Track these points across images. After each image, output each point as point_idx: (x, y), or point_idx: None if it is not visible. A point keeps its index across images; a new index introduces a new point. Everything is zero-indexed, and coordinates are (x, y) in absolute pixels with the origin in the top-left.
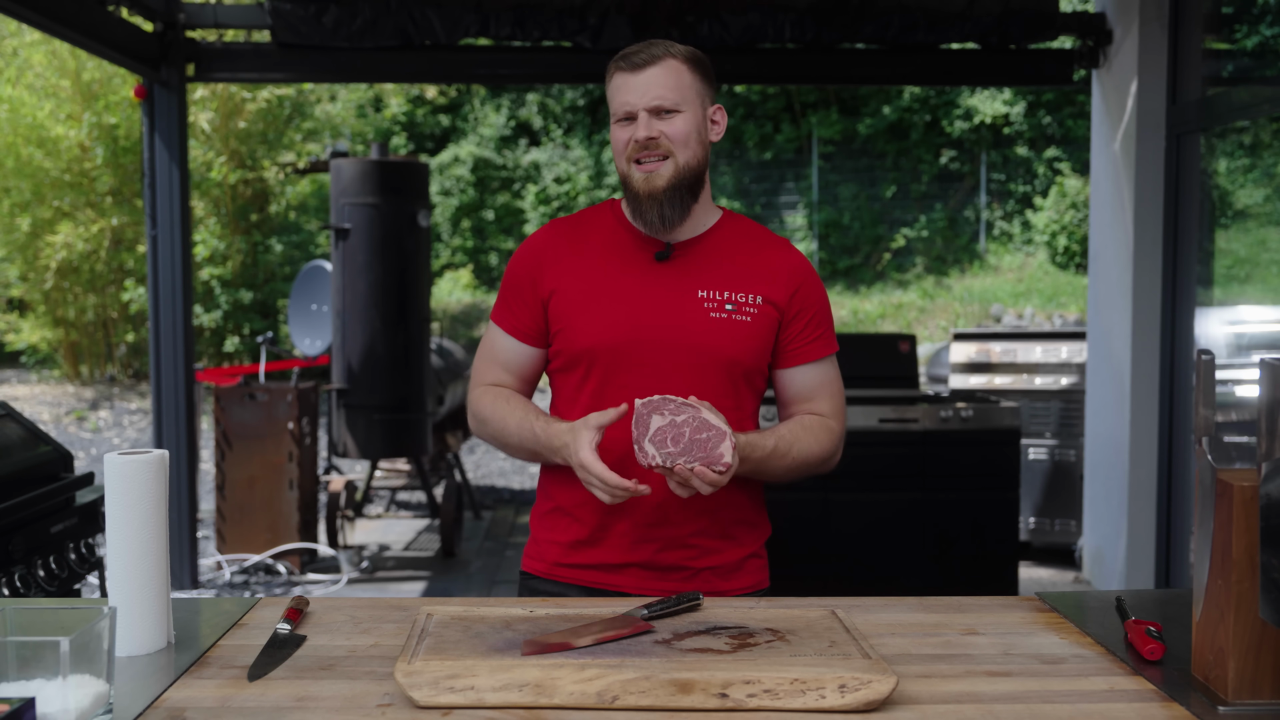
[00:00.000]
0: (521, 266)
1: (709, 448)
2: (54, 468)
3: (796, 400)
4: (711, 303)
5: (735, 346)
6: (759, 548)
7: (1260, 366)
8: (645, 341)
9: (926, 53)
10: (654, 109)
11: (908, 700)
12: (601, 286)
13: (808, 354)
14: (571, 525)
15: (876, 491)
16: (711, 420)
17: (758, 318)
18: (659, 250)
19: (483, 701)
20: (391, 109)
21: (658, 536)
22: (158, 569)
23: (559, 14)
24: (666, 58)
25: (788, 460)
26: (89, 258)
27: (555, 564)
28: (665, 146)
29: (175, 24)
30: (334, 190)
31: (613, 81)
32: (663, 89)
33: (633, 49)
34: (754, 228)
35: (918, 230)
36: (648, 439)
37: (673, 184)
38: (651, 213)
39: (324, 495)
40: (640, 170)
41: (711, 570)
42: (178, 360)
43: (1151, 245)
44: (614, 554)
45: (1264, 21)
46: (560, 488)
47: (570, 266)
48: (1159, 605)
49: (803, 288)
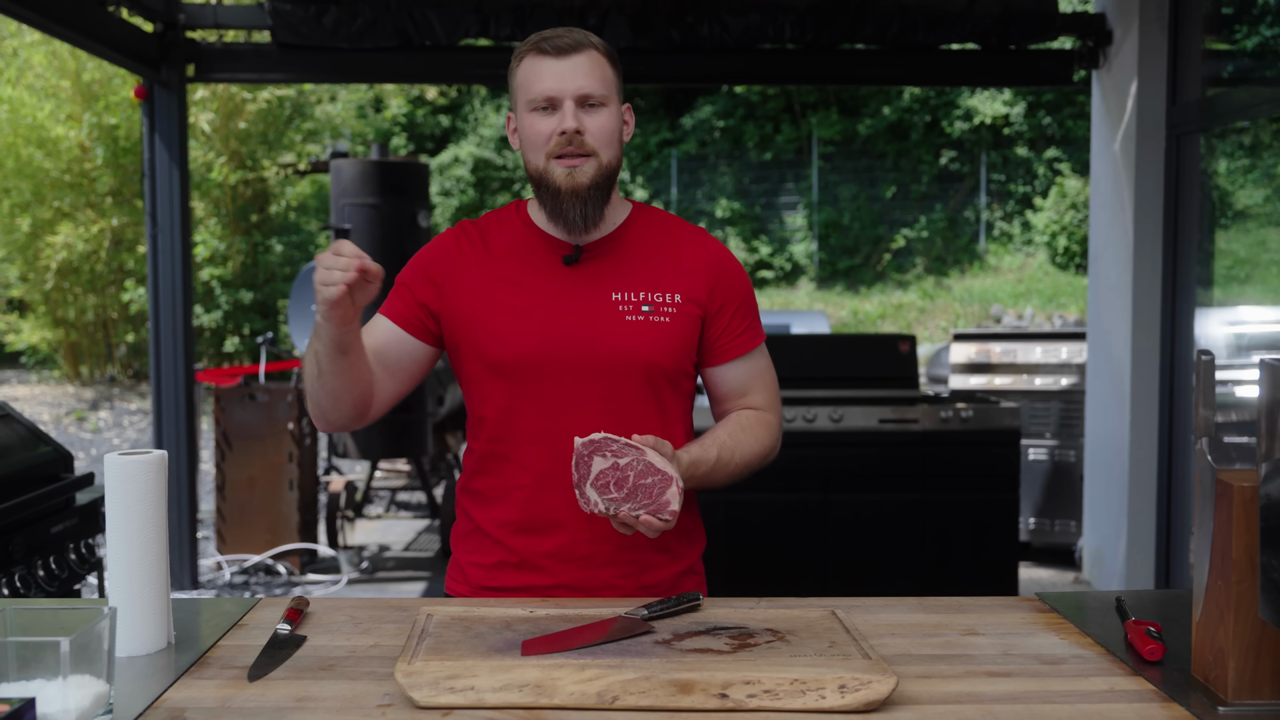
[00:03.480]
0: (422, 267)
1: (655, 494)
2: (54, 468)
3: (730, 397)
4: (626, 305)
5: (654, 350)
6: (695, 561)
7: (1260, 366)
8: (559, 350)
9: (926, 53)
10: (580, 98)
11: (908, 700)
12: (510, 294)
13: (736, 348)
14: (492, 547)
15: (876, 492)
16: (656, 464)
17: (677, 317)
18: (567, 254)
19: (483, 702)
20: (391, 109)
21: (583, 554)
22: (158, 569)
23: (559, 14)
24: (589, 47)
25: (731, 467)
26: (89, 258)
27: (479, 587)
28: (589, 145)
29: (175, 24)
30: (334, 191)
31: (527, 65)
32: (588, 79)
33: (549, 33)
34: (666, 219)
35: (918, 231)
36: (589, 483)
37: (595, 182)
38: (574, 211)
39: (324, 496)
40: (562, 165)
41: (645, 589)
42: (178, 360)
43: (1151, 245)
44: (540, 575)
45: (1264, 22)
46: (478, 508)
47: (477, 274)
48: (1159, 605)
49: (722, 280)
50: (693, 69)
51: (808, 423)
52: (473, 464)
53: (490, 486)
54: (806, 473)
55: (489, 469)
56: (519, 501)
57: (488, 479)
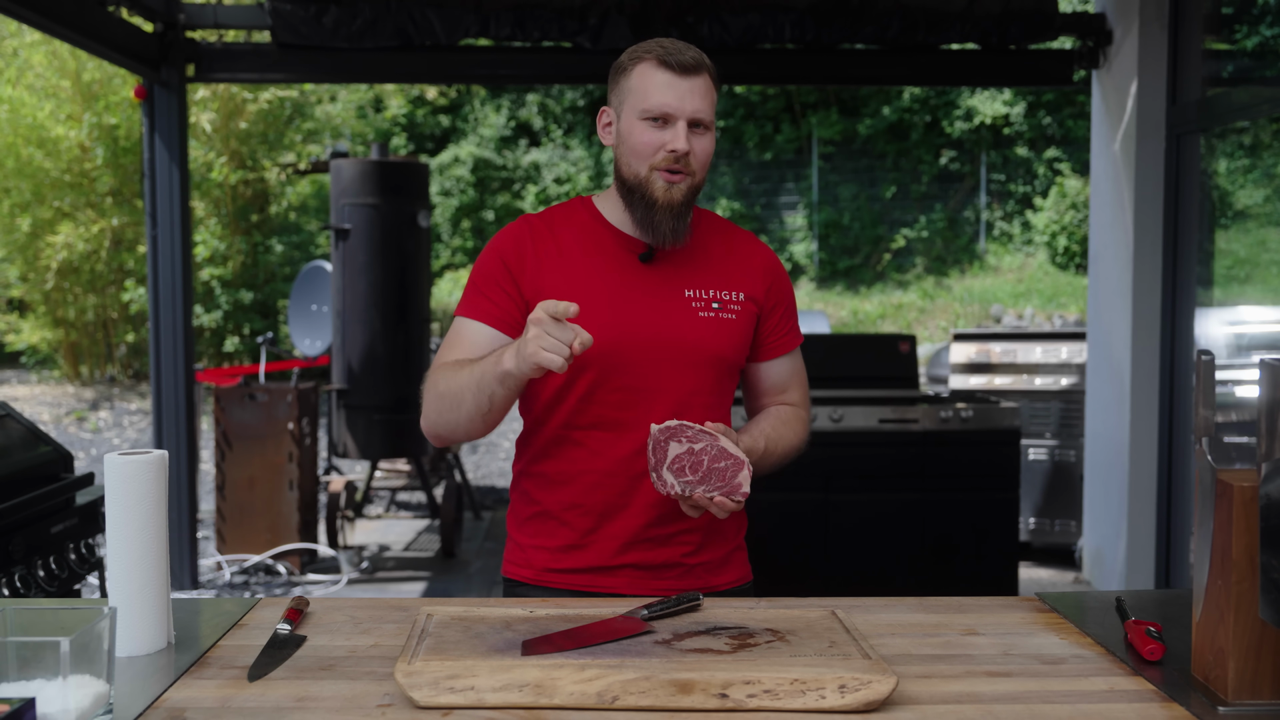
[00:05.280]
0: (499, 259)
1: (728, 477)
2: (54, 468)
3: (771, 392)
4: (699, 302)
5: (724, 344)
6: (741, 540)
7: (1260, 366)
8: (637, 343)
9: (926, 53)
10: (694, 120)
11: (908, 700)
12: (588, 287)
13: (782, 346)
14: (559, 529)
15: (876, 491)
16: (729, 449)
17: (741, 314)
18: (641, 251)
19: (483, 702)
20: (391, 110)
21: (650, 535)
22: (158, 569)
23: (559, 14)
24: (705, 70)
25: (773, 458)
26: (89, 258)
27: (544, 569)
28: (692, 166)
29: (175, 24)
30: (334, 191)
31: (647, 73)
32: (704, 102)
33: (670, 45)
34: (722, 222)
35: (918, 231)
36: (665, 467)
37: (687, 199)
38: (665, 225)
39: (324, 495)
40: (664, 179)
41: (703, 566)
42: (178, 360)
43: (1151, 245)
44: (606, 556)
45: (1264, 22)
46: (544, 491)
47: (552, 265)
48: (1159, 605)
49: (776, 282)
50: None
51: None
52: (538, 447)
53: (560, 471)
54: (806, 473)
55: (559, 453)
56: (589, 485)
57: (557, 463)
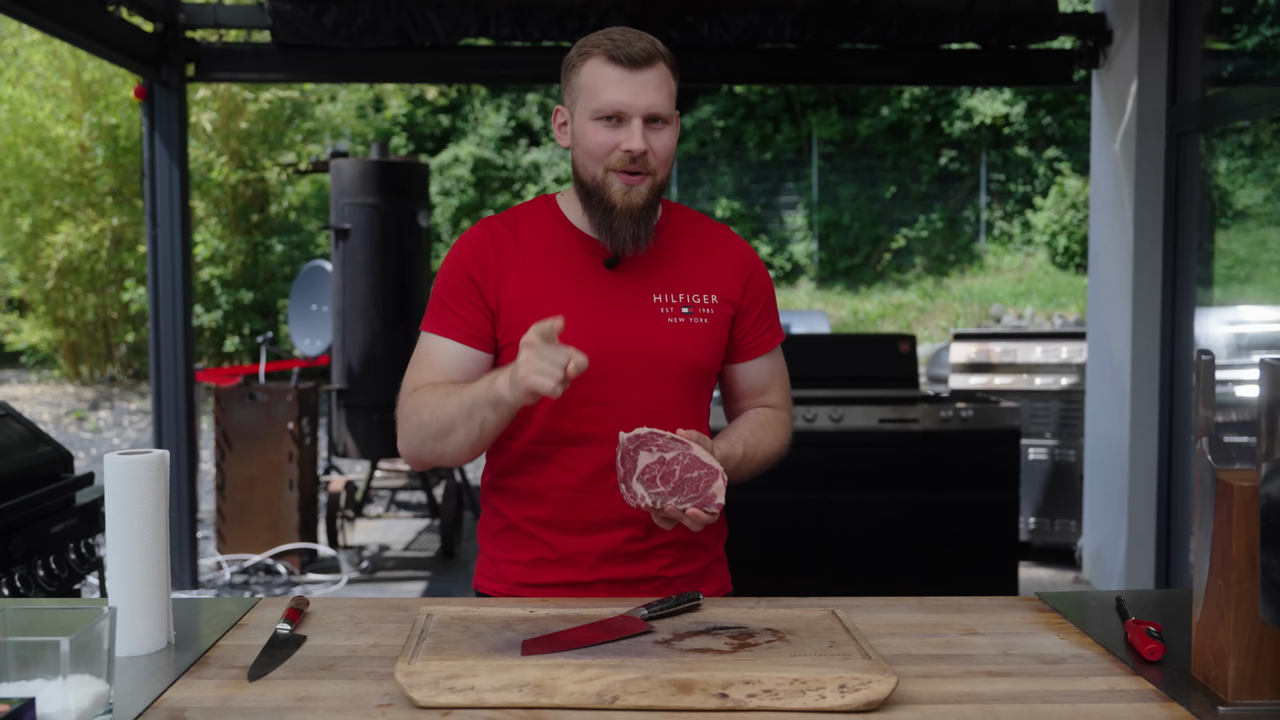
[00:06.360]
0: (461, 269)
1: (701, 487)
2: (54, 468)
3: (749, 394)
4: (668, 307)
5: (695, 351)
6: (720, 551)
7: (1260, 366)
8: (604, 354)
9: (926, 53)
10: (650, 116)
11: (908, 700)
12: (553, 296)
13: (760, 347)
14: (529, 543)
15: (876, 491)
16: (702, 458)
17: (714, 318)
18: (607, 256)
19: (483, 702)
20: (391, 109)
21: (626, 550)
22: (158, 569)
23: (559, 14)
24: (659, 59)
25: (753, 464)
26: (89, 258)
27: (516, 584)
28: (651, 164)
29: (175, 24)
30: (334, 190)
31: (595, 69)
32: (659, 95)
33: (619, 36)
34: (694, 217)
35: (917, 230)
36: (635, 477)
37: (649, 201)
38: (625, 230)
39: (324, 495)
40: (621, 181)
41: (682, 579)
42: (178, 360)
43: (1151, 245)
44: (581, 571)
45: (1264, 21)
46: (513, 506)
47: (516, 273)
48: (1159, 605)
49: (752, 279)
50: (692, 68)
51: (808, 422)
52: (506, 462)
53: (528, 486)
54: (806, 473)
55: (527, 469)
56: (560, 502)
57: (526, 478)
